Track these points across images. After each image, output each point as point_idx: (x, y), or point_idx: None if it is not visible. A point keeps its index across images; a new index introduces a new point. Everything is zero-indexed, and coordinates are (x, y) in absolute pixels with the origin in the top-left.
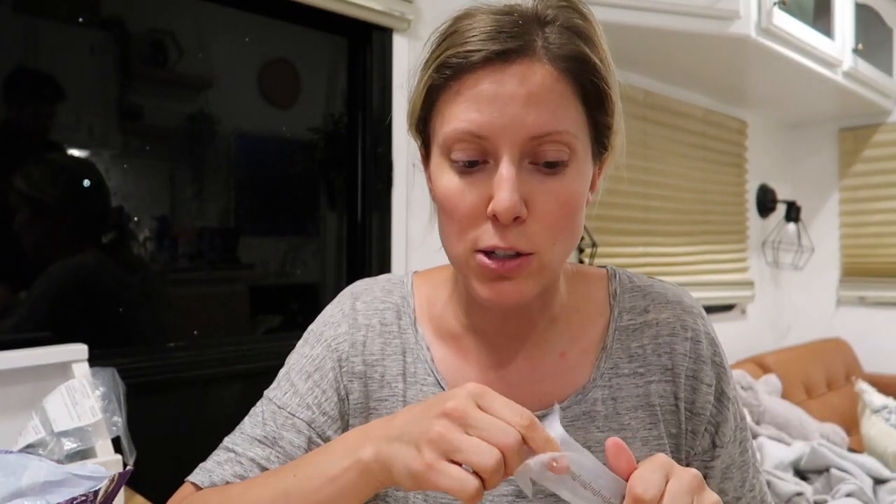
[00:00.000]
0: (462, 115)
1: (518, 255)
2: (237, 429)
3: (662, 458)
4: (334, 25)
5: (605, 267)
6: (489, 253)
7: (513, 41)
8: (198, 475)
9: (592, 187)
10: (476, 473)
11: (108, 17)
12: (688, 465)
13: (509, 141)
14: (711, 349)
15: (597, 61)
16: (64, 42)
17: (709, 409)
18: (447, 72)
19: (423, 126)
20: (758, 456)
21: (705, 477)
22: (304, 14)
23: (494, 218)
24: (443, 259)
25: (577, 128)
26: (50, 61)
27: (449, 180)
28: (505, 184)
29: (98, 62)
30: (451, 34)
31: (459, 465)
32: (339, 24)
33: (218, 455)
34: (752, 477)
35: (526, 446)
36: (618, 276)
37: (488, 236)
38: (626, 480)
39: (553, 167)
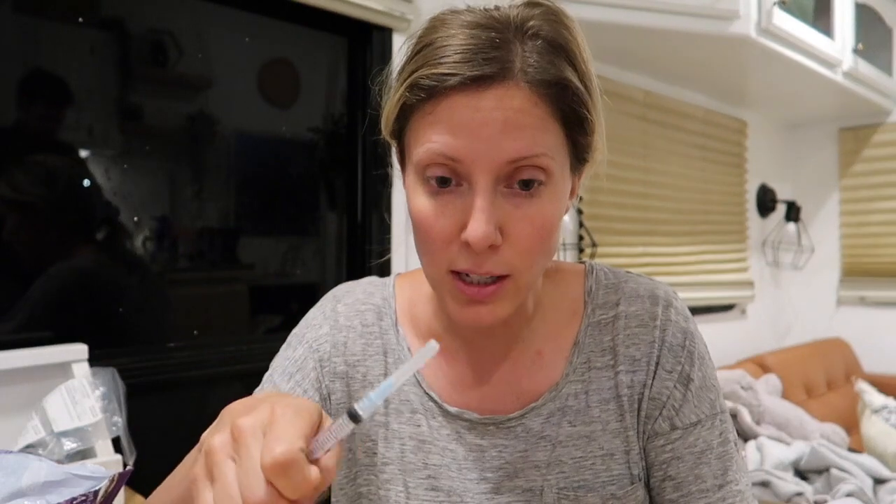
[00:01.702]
0: (436, 137)
1: (493, 280)
2: None
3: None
4: (334, 25)
5: (583, 262)
6: (464, 275)
7: (489, 66)
8: None
9: (573, 194)
10: None
11: (108, 17)
12: (646, 451)
13: (485, 166)
14: (681, 336)
15: (578, 85)
16: (64, 42)
17: (665, 393)
18: (421, 94)
19: (398, 135)
20: (745, 465)
21: (669, 460)
22: (304, 14)
23: (468, 244)
24: None
25: (556, 150)
26: (50, 61)
27: (423, 202)
28: (479, 214)
29: (98, 62)
30: (425, 47)
31: None
32: (339, 24)
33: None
34: (735, 471)
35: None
36: (595, 272)
37: (462, 260)
38: None
39: (528, 188)
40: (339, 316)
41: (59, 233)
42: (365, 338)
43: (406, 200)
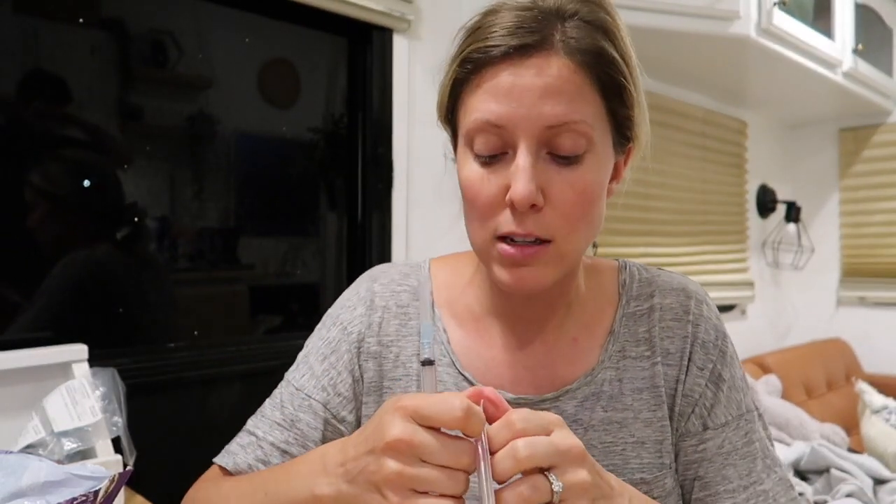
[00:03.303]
0: (481, 105)
1: (536, 241)
2: (259, 411)
3: (556, 416)
4: (334, 25)
5: (616, 259)
6: (509, 239)
7: (531, 36)
8: (224, 458)
9: (617, 177)
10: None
11: (108, 17)
12: (676, 447)
13: (526, 131)
14: (713, 333)
15: (614, 55)
16: (64, 42)
17: (698, 391)
18: (469, 66)
19: (451, 117)
20: (777, 457)
21: (699, 461)
22: (304, 14)
23: (513, 205)
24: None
25: (595, 119)
26: (50, 61)
27: (470, 170)
28: (521, 173)
29: (98, 62)
30: (476, 30)
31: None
32: (339, 24)
33: (241, 438)
34: (760, 471)
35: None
36: (628, 267)
37: (507, 223)
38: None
39: (568, 159)
40: (375, 296)
41: (59, 233)
42: (399, 318)
43: (457, 173)
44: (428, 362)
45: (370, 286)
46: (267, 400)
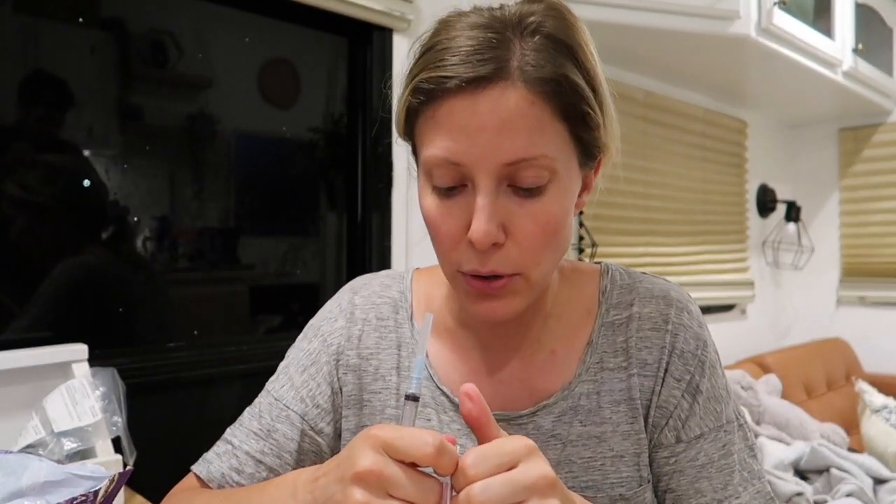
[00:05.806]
0: (438, 142)
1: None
2: (238, 420)
3: (523, 442)
4: (334, 25)
5: (600, 263)
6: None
7: (485, 66)
8: (200, 466)
9: (588, 188)
10: None
11: (108, 17)
12: (651, 458)
13: (484, 169)
14: (693, 343)
15: (577, 80)
16: (64, 42)
17: (673, 402)
18: (421, 97)
19: (410, 135)
20: (758, 470)
21: (671, 473)
22: (304, 14)
23: (472, 243)
24: None
25: (558, 149)
26: (50, 61)
27: (431, 202)
28: (480, 213)
29: (98, 62)
30: (428, 51)
31: None
32: (339, 24)
33: (218, 446)
34: (737, 484)
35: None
36: (610, 272)
37: (469, 260)
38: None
39: (530, 191)
40: (356, 308)
41: (59, 233)
42: (379, 331)
43: (418, 197)
44: (413, 398)
45: (351, 298)
46: (247, 408)
